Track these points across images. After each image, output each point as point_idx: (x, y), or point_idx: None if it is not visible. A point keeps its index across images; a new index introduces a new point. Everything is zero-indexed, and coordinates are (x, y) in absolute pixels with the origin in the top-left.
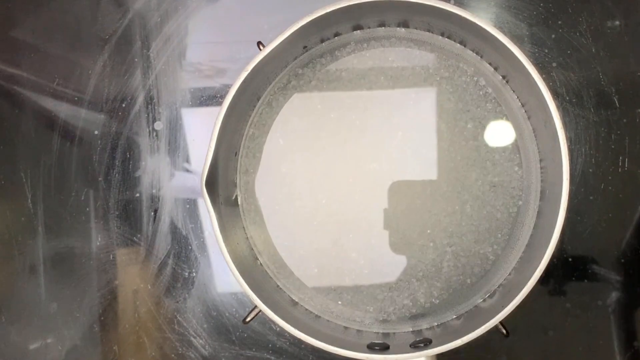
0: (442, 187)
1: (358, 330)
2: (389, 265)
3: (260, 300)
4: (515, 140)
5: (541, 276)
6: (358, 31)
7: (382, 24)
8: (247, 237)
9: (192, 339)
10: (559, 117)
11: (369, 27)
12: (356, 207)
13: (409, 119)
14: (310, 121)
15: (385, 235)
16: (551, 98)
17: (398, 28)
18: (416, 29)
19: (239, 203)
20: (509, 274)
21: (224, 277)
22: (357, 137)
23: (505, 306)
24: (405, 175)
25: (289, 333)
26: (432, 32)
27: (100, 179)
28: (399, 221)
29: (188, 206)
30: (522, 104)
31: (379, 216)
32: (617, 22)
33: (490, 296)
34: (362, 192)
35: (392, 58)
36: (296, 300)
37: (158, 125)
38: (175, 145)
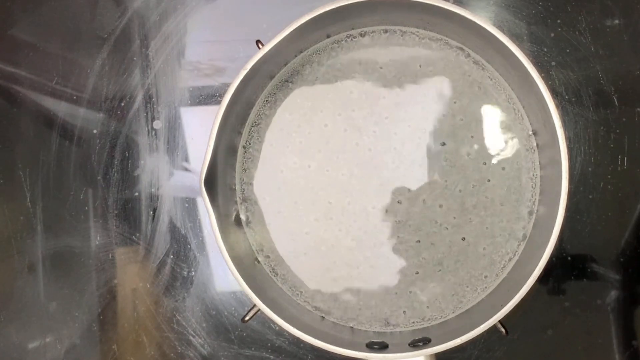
0: (444, 185)
1: (357, 329)
2: (390, 264)
3: (259, 299)
4: (515, 139)
5: (540, 275)
6: (357, 30)
7: (380, 23)
8: (246, 236)
9: (191, 338)
10: (558, 116)
11: (368, 26)
12: (358, 207)
13: (411, 116)
14: (310, 119)
15: (386, 235)
16: (550, 97)
17: (397, 27)
18: (415, 27)
19: (238, 201)
20: (509, 273)
21: (223, 276)
22: (358, 135)
23: (504, 305)
24: (408, 174)
25: (288, 332)
26: (430, 31)
27: (99, 178)
28: (400, 220)
29: (187, 205)
30: (522, 104)
31: (381, 216)
32: (617, 21)
33: (490, 294)
34: (364, 192)
35: (390, 56)
36: (295, 299)
37: (157, 124)
38: (174, 144)
